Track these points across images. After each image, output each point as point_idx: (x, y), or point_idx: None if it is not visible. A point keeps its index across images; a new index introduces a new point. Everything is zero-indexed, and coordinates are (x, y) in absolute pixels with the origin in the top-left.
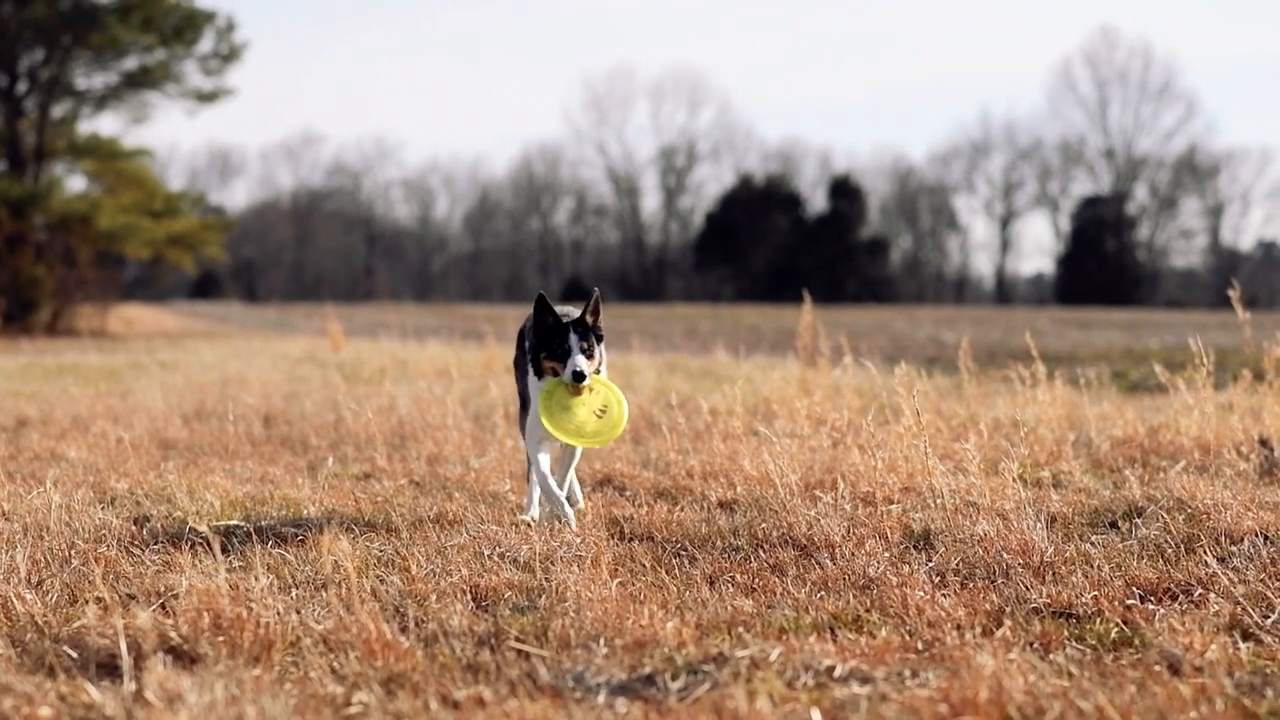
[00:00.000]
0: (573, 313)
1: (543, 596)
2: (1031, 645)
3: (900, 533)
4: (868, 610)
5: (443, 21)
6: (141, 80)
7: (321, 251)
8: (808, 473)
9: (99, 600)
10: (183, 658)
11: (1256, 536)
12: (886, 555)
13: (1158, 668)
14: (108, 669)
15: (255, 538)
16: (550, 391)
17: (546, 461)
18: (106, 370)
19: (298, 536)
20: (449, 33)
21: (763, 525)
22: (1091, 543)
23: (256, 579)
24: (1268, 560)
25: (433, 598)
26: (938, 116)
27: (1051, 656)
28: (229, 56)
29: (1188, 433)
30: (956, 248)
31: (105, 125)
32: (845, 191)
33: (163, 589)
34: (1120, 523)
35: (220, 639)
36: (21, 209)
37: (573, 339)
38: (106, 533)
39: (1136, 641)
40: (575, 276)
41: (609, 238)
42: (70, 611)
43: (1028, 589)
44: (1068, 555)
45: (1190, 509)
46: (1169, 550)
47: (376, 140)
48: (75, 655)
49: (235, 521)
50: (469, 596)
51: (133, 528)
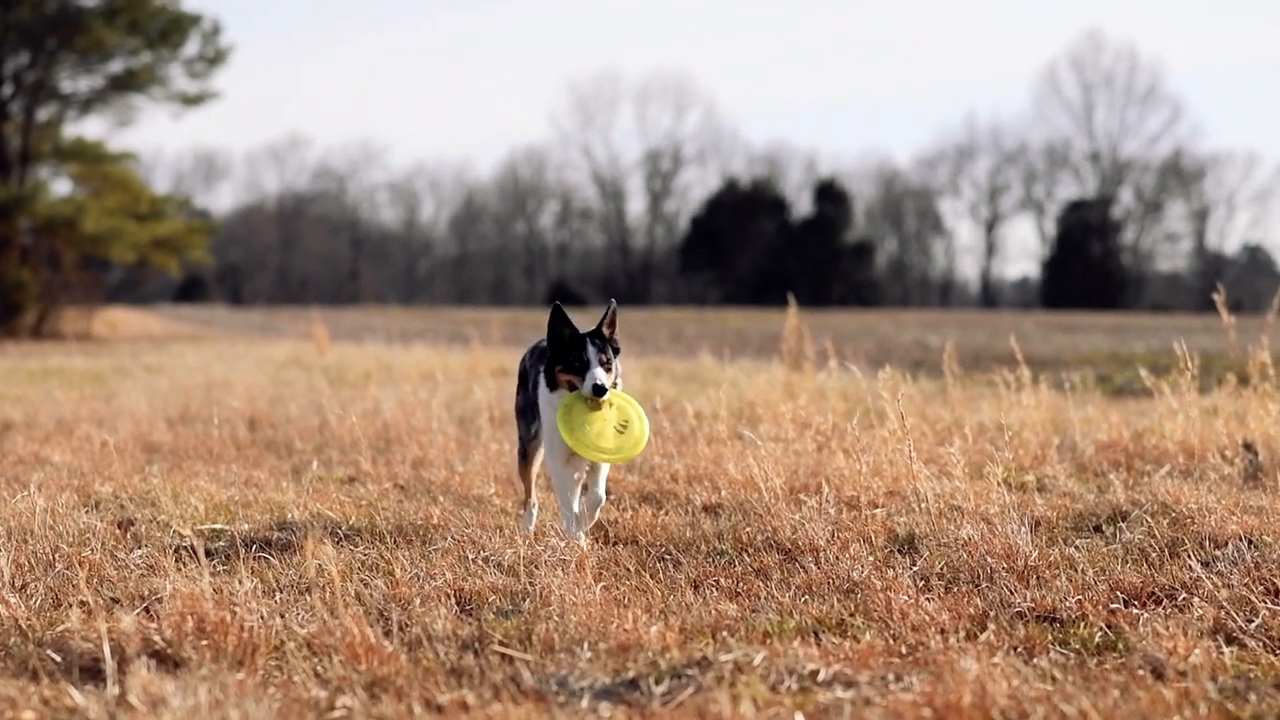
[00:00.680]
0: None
1: (527, 600)
2: (1015, 649)
3: (884, 537)
4: (852, 614)
5: (429, 25)
6: (127, 83)
7: (307, 255)
8: (792, 477)
9: (83, 604)
10: (166, 662)
11: (1241, 541)
12: (871, 559)
13: (1141, 672)
14: (91, 673)
15: (239, 541)
16: (569, 406)
17: (572, 484)
18: (91, 374)
19: (282, 540)
20: (435, 36)
21: (747, 529)
22: (1076, 547)
23: (240, 583)
24: (1251, 565)
25: (417, 602)
26: (923, 120)
27: (1035, 661)
28: (214, 60)
29: (1172, 437)
30: (942, 251)
31: (90, 128)
32: (831, 195)
33: (147, 593)
34: (1104, 527)
35: (204, 643)
36: (6, 212)
37: (591, 351)
38: (91, 536)
39: (1120, 646)
40: (560, 280)
41: (594, 241)
42: (54, 615)
43: (1012, 593)
44: (1052, 559)
45: (1174, 513)
46: (1153, 555)
47: (362, 143)
48: (59, 659)
49: (219, 525)
50: (453, 600)
51: (117, 531)
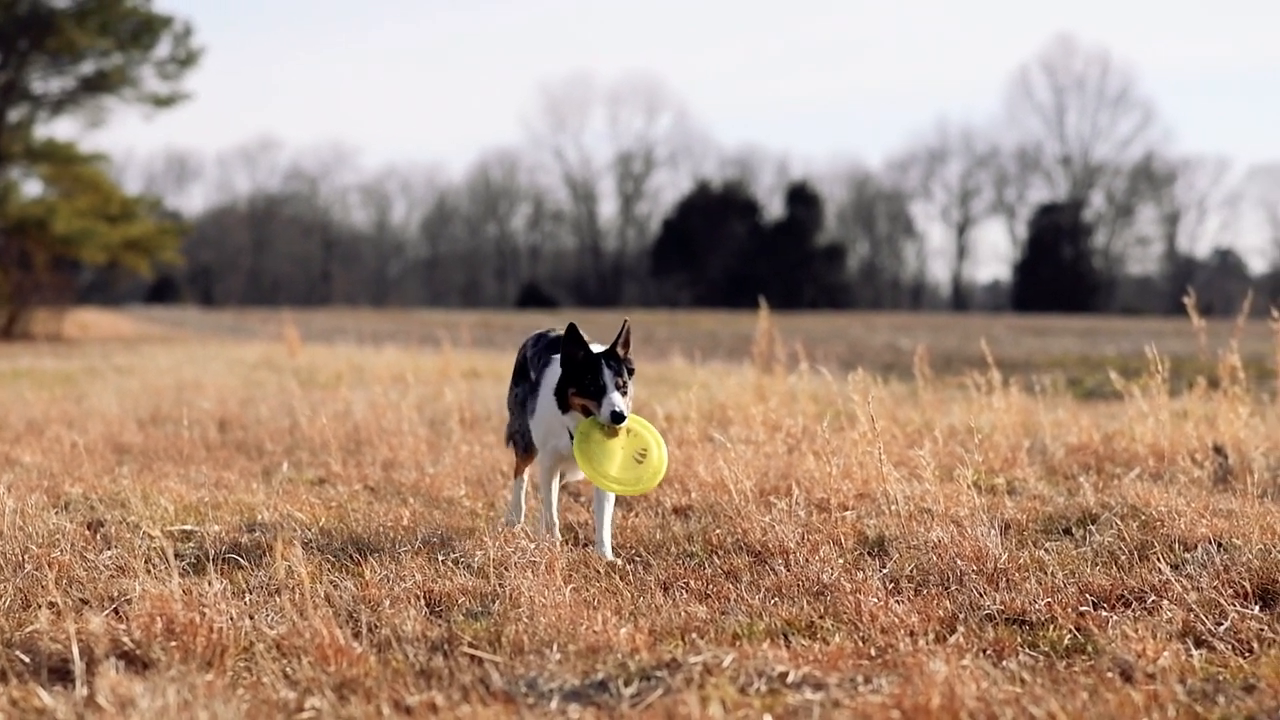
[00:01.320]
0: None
1: (496, 602)
2: (984, 652)
3: (854, 539)
4: (821, 616)
5: (400, 28)
6: (98, 84)
7: (278, 257)
8: (762, 479)
9: (51, 605)
10: (135, 663)
11: (1210, 544)
12: (840, 562)
13: (1110, 674)
14: (60, 674)
15: (209, 543)
16: (586, 433)
17: (556, 489)
18: (62, 375)
19: (252, 542)
20: (406, 39)
21: (717, 531)
22: (1045, 549)
23: (210, 584)
24: (1221, 567)
25: (386, 603)
26: (895, 123)
27: (1004, 663)
28: (186, 61)
29: (1142, 440)
30: (913, 254)
31: (62, 129)
32: (802, 198)
33: (116, 594)
34: (1074, 529)
35: (173, 644)
36: None
37: (607, 375)
38: (60, 537)
39: (1089, 648)
40: (532, 282)
41: (566, 243)
42: (23, 616)
43: (981, 596)
44: (1021, 562)
45: (1144, 516)
46: (1122, 557)
47: (334, 145)
48: (27, 660)
49: (189, 526)
50: (423, 602)
51: (86, 532)
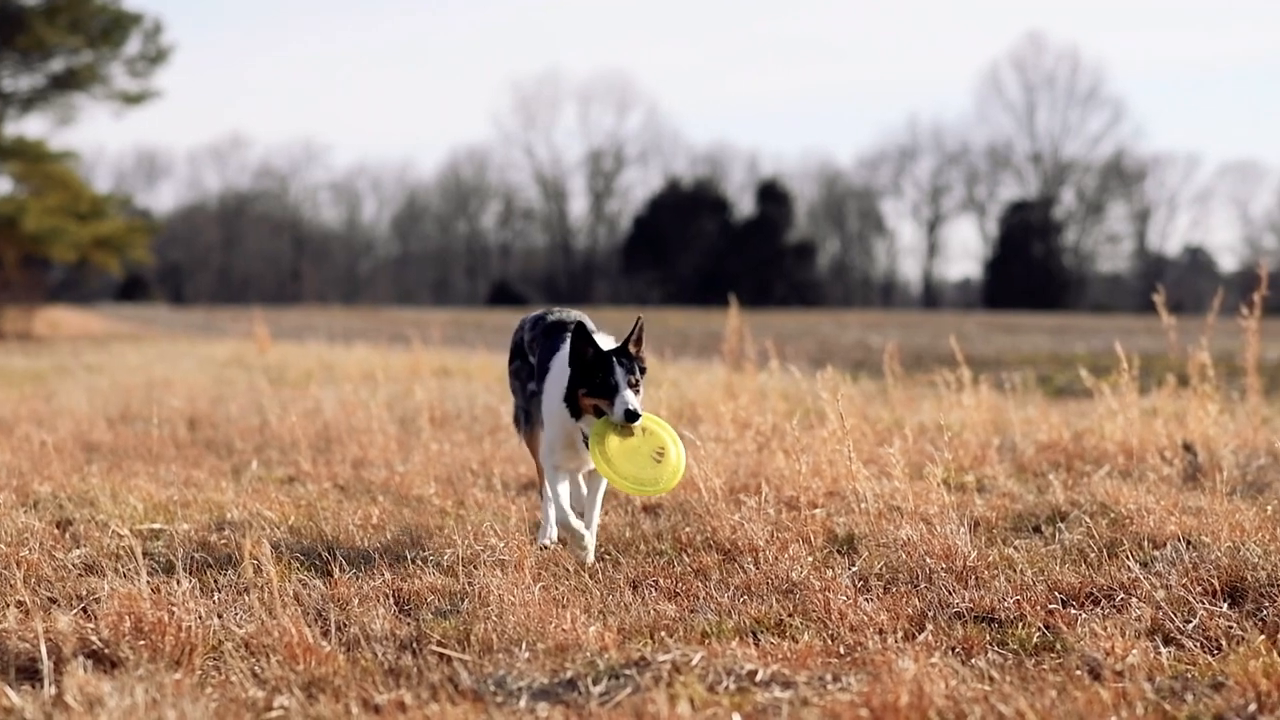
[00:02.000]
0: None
1: (465, 600)
2: (953, 650)
3: (824, 537)
4: (790, 615)
5: (371, 26)
6: (68, 82)
7: (248, 254)
8: (732, 477)
9: (20, 604)
10: (103, 662)
11: (1179, 541)
12: (810, 560)
13: (1079, 672)
14: (27, 673)
15: (178, 541)
16: (601, 434)
17: (566, 490)
18: (31, 373)
19: (221, 540)
20: (377, 37)
21: (687, 529)
22: (1015, 547)
23: (179, 583)
24: (1190, 565)
25: (355, 602)
26: (865, 121)
27: (973, 661)
28: (156, 59)
29: (1112, 437)
30: (884, 252)
31: (31, 127)
32: (773, 195)
33: (84, 593)
34: (1044, 527)
35: (141, 643)
36: None
37: (619, 373)
38: (29, 536)
39: (1058, 646)
40: (503, 280)
41: (536, 241)
42: None
43: (950, 593)
44: (991, 560)
45: (1113, 514)
46: (1092, 555)
47: (304, 143)
48: None
49: (158, 525)
50: (391, 600)
51: (55, 531)
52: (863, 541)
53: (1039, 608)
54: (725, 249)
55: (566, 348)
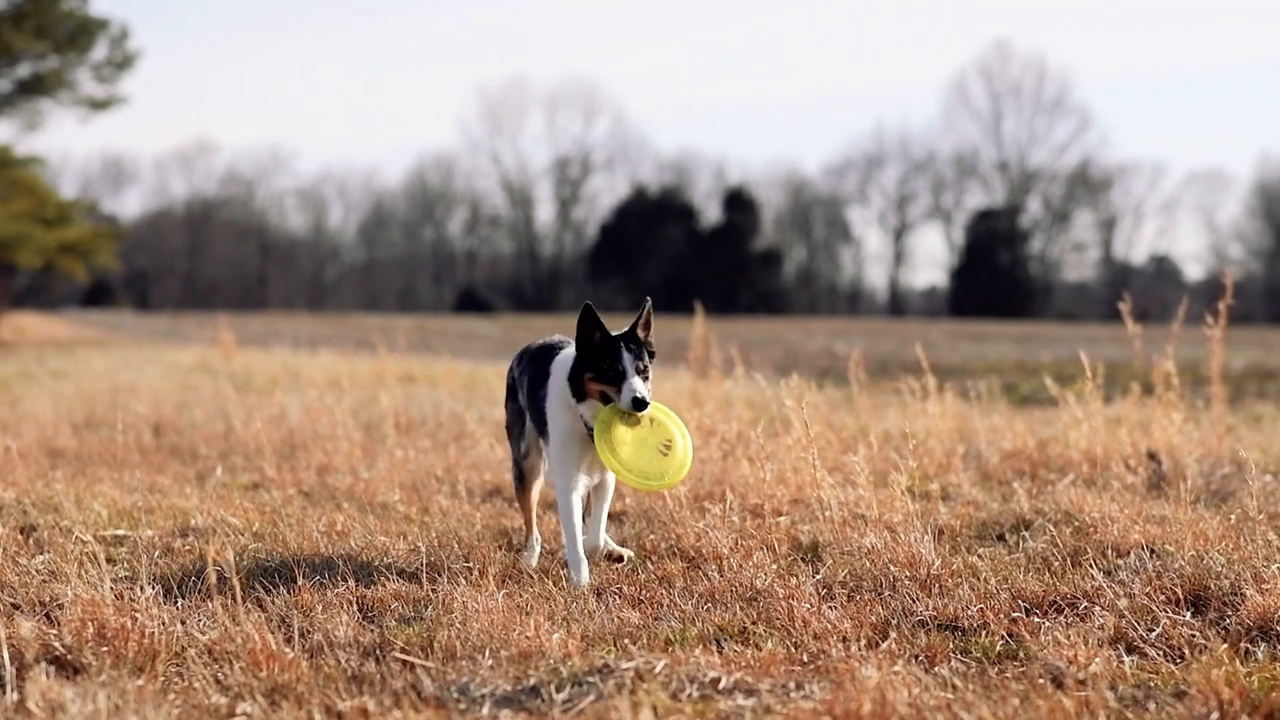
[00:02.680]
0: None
1: (429, 608)
2: (917, 658)
3: (788, 545)
4: (754, 622)
5: (338, 32)
6: (34, 87)
7: (214, 261)
8: (697, 484)
9: None
10: (66, 668)
11: (1143, 550)
12: (774, 567)
13: (1042, 681)
14: None
15: (142, 547)
16: (607, 422)
17: (579, 509)
18: None
19: (185, 546)
20: (344, 43)
21: (651, 536)
22: (979, 555)
23: (142, 589)
24: (1153, 574)
25: (319, 608)
26: (832, 129)
27: (936, 669)
28: (122, 64)
29: (1077, 446)
30: (850, 260)
31: None
32: (739, 203)
33: (48, 599)
34: (1008, 535)
35: (104, 649)
36: None
37: (626, 358)
38: None
39: (1021, 654)
40: (469, 287)
41: (503, 248)
42: None
43: (914, 601)
44: (955, 568)
45: (1078, 522)
46: (1055, 563)
47: (270, 149)
48: None
49: (122, 531)
50: (355, 607)
51: (19, 537)
52: (827, 549)
53: (1002, 616)
54: (691, 256)
55: (565, 354)
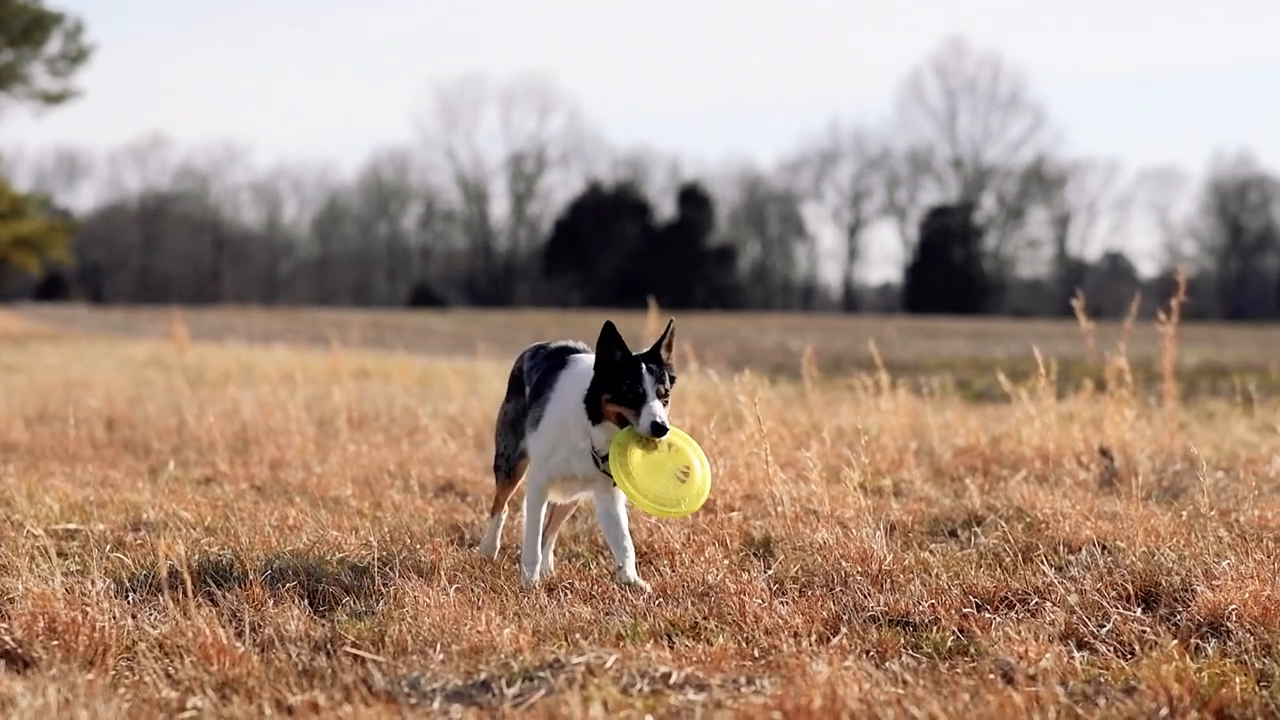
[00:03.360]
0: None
1: (380, 602)
2: (867, 653)
3: (740, 540)
4: (705, 617)
5: (293, 27)
6: None
7: (168, 255)
8: None
9: None
10: (16, 662)
11: (1094, 546)
12: (726, 563)
13: (992, 676)
14: None
15: (93, 541)
16: (624, 445)
17: (543, 516)
18: None
19: (137, 541)
20: (299, 38)
21: (603, 532)
22: (930, 551)
23: (93, 583)
24: (1104, 570)
25: (270, 603)
26: (787, 125)
27: (887, 664)
28: (77, 58)
29: (1029, 442)
30: (804, 256)
31: None
32: (694, 199)
33: None
34: (960, 531)
35: (55, 643)
36: None
37: (648, 380)
38: None
39: (972, 650)
40: (424, 282)
41: (457, 243)
42: None
43: (865, 597)
44: (906, 564)
45: (1029, 518)
46: (1007, 559)
47: (225, 144)
48: None
49: (74, 525)
50: (306, 601)
51: None
52: (779, 545)
53: (953, 612)
54: (646, 252)
55: (576, 368)
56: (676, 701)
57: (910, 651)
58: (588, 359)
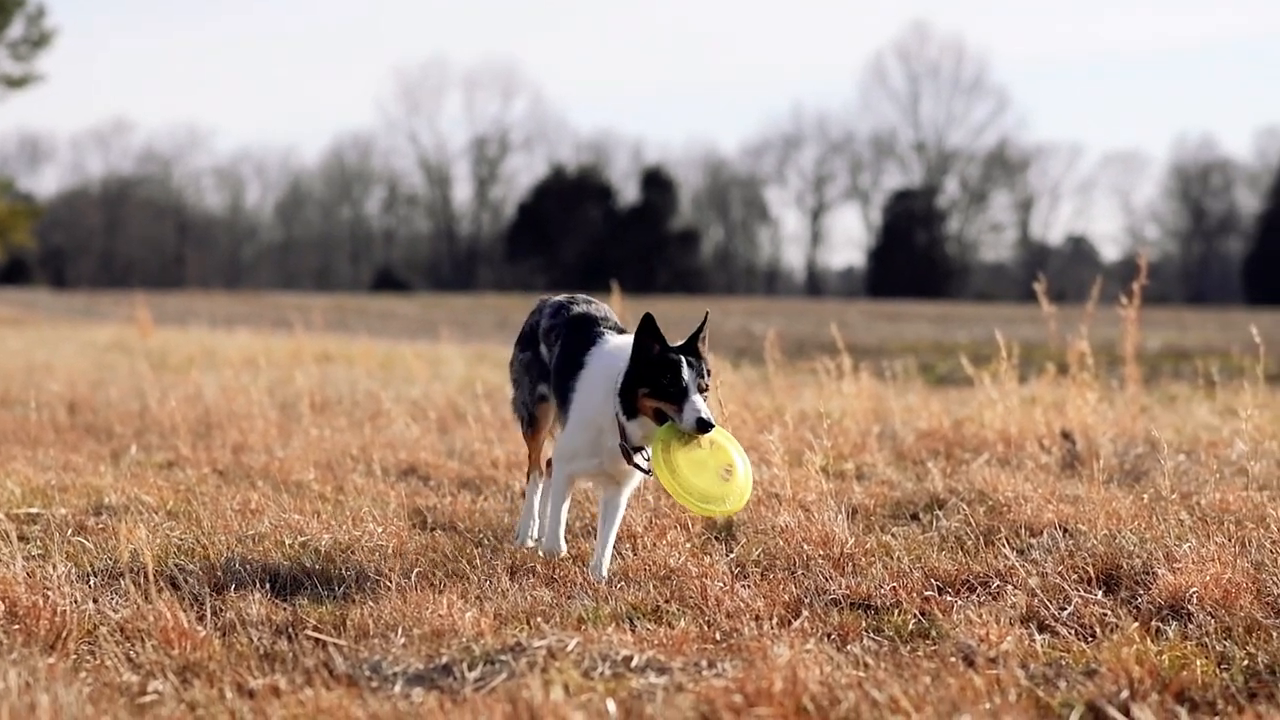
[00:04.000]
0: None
1: (342, 586)
2: (829, 636)
3: (702, 524)
4: (667, 601)
5: (255, 10)
6: None
7: (131, 239)
8: None
9: None
10: None
11: (1056, 529)
12: (688, 546)
13: (953, 659)
14: None
15: (54, 525)
16: (667, 442)
17: (569, 495)
18: None
19: (98, 525)
20: (261, 21)
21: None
22: (892, 534)
23: (54, 567)
24: (1066, 553)
25: (231, 587)
26: (750, 109)
27: (848, 647)
28: (39, 42)
29: (992, 426)
30: (767, 240)
31: None
32: (657, 183)
33: None
34: (922, 515)
35: (15, 627)
36: None
37: (688, 375)
38: None
39: (933, 633)
40: (387, 266)
41: (420, 227)
42: None
43: (827, 580)
44: (868, 547)
45: (991, 501)
46: (969, 542)
47: (188, 128)
48: None
49: (35, 509)
50: (268, 585)
51: None
52: (741, 529)
53: (915, 595)
54: (609, 236)
55: (606, 346)
56: (638, 684)
57: (871, 634)
58: (613, 341)
